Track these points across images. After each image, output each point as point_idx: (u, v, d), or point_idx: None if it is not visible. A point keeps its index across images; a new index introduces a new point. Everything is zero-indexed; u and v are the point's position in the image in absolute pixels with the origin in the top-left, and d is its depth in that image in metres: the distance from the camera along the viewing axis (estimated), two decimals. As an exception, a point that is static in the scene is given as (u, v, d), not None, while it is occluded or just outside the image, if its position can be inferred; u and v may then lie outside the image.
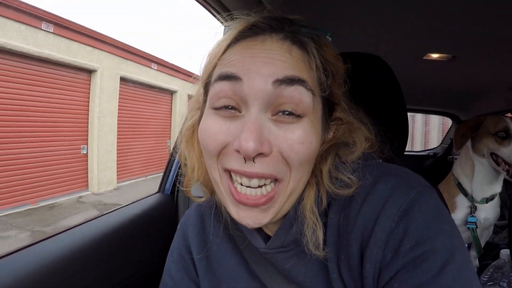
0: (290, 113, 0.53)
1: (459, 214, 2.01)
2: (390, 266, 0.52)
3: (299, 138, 0.53)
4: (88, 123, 9.09)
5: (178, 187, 1.59)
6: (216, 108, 0.56)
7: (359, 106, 0.67)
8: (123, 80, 9.93)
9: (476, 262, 2.09)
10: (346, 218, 0.58)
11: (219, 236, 0.73)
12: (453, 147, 2.22)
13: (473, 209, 1.98)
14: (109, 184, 9.53)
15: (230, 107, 0.54)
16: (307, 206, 0.58)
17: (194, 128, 0.67)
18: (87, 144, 9.10)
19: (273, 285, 0.65)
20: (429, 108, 3.80)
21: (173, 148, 1.47)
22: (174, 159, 1.66)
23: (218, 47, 0.59)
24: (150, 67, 11.11)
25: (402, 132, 0.96)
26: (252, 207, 0.55)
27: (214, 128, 0.55)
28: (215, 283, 0.72)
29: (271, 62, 0.53)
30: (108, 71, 9.39)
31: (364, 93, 0.78)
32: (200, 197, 0.74)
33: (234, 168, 0.54)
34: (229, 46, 0.58)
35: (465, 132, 2.01)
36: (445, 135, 4.27)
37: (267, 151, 0.51)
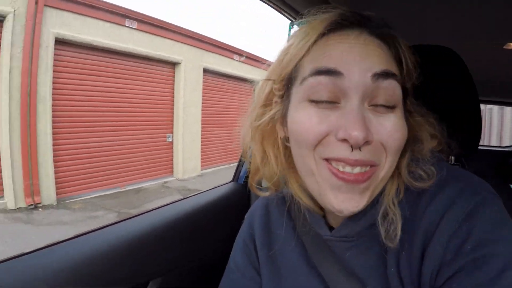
0: (383, 105, 0.56)
1: None
2: (450, 265, 0.53)
3: (395, 126, 0.56)
4: (173, 113, 9.67)
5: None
6: (314, 101, 0.57)
7: (429, 101, 0.68)
8: (206, 71, 10.35)
9: None
10: (412, 215, 0.60)
11: (283, 228, 0.76)
12: None
13: None
14: (194, 171, 9.99)
15: (330, 100, 0.56)
16: (389, 196, 0.61)
17: (272, 123, 0.67)
18: (172, 133, 9.68)
19: (330, 275, 0.67)
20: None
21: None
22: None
23: (303, 40, 0.60)
24: (233, 58, 11.41)
25: (474, 128, 0.94)
26: (354, 184, 0.56)
27: (314, 119, 0.56)
28: (275, 272, 0.76)
29: (368, 57, 0.56)
30: (191, 63, 9.87)
31: (434, 87, 0.79)
32: (265, 192, 0.77)
33: (340, 157, 0.55)
34: (316, 40, 0.59)
35: None
36: None
37: (371, 138, 0.54)
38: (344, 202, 0.57)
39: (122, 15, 8.02)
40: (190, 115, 9.88)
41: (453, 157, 1.05)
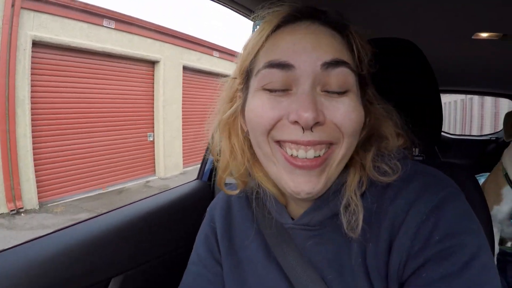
0: (335, 91, 0.58)
1: (504, 206, 1.91)
2: (418, 256, 0.55)
3: (349, 107, 0.58)
4: (153, 112, 9.64)
5: (215, 174, 1.64)
6: (267, 89, 0.60)
7: (389, 94, 0.71)
8: (185, 69, 10.33)
9: None
10: (378, 208, 0.62)
11: (243, 220, 0.79)
12: None
13: None
14: (175, 168, 10.02)
15: (282, 89, 0.59)
16: (351, 187, 0.63)
17: (235, 116, 0.71)
18: (153, 132, 9.67)
19: (289, 266, 0.68)
20: (485, 90, 3.67)
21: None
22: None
23: (259, 35, 0.63)
24: (212, 55, 11.37)
25: (435, 119, 0.96)
26: (309, 170, 0.58)
27: (267, 105, 0.59)
28: (235, 263, 0.77)
29: (319, 46, 0.58)
30: (170, 61, 9.83)
31: (393, 79, 0.82)
32: (234, 189, 0.79)
33: (291, 139, 0.58)
34: (271, 33, 0.62)
35: None
36: None
37: (322, 119, 0.56)
38: (300, 184, 0.59)
39: (100, 15, 7.94)
40: (171, 113, 9.86)
41: (416, 149, 1.08)
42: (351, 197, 0.62)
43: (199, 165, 1.75)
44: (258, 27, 0.66)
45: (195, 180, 1.71)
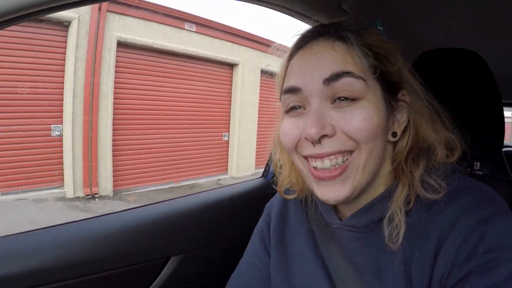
0: (346, 98, 0.61)
1: None
2: (462, 267, 0.55)
3: (359, 117, 0.60)
4: (230, 113, 9.89)
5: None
6: (287, 112, 0.67)
7: (451, 104, 0.71)
8: (263, 72, 10.40)
9: None
10: (427, 219, 0.62)
11: (297, 218, 0.84)
12: None
13: None
14: (247, 169, 10.10)
15: (297, 107, 0.66)
16: (396, 203, 0.64)
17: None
18: (228, 132, 9.90)
19: (333, 262, 0.72)
20: None
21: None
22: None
23: (281, 65, 0.71)
24: None
25: (497, 131, 0.95)
26: (331, 180, 0.63)
27: (288, 127, 0.66)
28: (283, 256, 0.82)
29: (319, 64, 0.62)
30: (249, 64, 10.02)
31: (455, 90, 0.85)
32: (290, 194, 0.86)
33: (308, 153, 0.64)
34: (289, 60, 0.68)
35: None
36: None
37: (329, 132, 0.60)
38: (326, 193, 0.63)
39: (182, 19, 8.39)
40: (247, 115, 10.02)
41: (478, 163, 1.06)
42: (396, 211, 0.62)
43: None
44: None
45: (260, 178, 1.77)
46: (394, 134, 0.67)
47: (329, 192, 0.63)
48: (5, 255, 0.99)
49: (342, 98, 0.60)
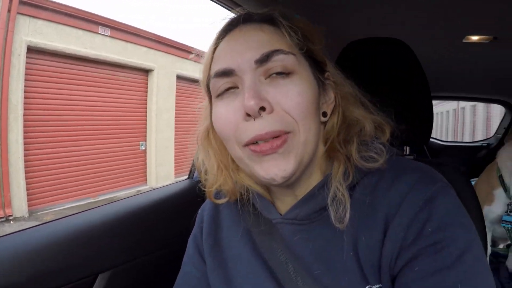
0: (280, 73, 0.60)
1: (495, 208, 1.90)
2: (410, 248, 0.55)
3: (294, 92, 0.60)
4: (146, 120, 9.59)
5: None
6: (219, 95, 0.64)
7: (380, 92, 0.71)
8: (179, 78, 10.32)
9: None
10: (371, 202, 0.62)
11: (231, 219, 0.80)
12: (506, 137, 1.99)
13: (510, 207, 1.85)
14: (167, 178, 9.91)
15: (229, 88, 0.63)
16: (336, 178, 0.63)
17: (208, 130, 0.74)
18: (145, 141, 9.60)
19: (276, 262, 0.69)
20: (478, 95, 3.68)
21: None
22: None
23: (208, 50, 0.68)
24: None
25: (425, 119, 0.97)
26: (272, 153, 0.60)
27: (223, 111, 0.63)
28: (219, 262, 0.78)
29: (248, 45, 0.62)
30: (164, 70, 9.81)
31: (384, 78, 0.83)
32: (221, 198, 0.79)
33: (251, 136, 0.59)
34: (216, 44, 0.66)
35: None
36: (499, 124, 4.06)
37: (268, 106, 0.58)
38: (270, 169, 0.60)
39: (95, 23, 7.92)
40: (163, 122, 9.82)
41: (407, 148, 1.14)
42: (337, 187, 0.62)
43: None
44: None
45: (186, 179, 1.69)
46: (325, 114, 0.67)
47: (274, 168, 0.60)
48: None
49: (277, 72, 0.61)
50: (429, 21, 1.68)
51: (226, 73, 0.62)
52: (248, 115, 0.58)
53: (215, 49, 0.66)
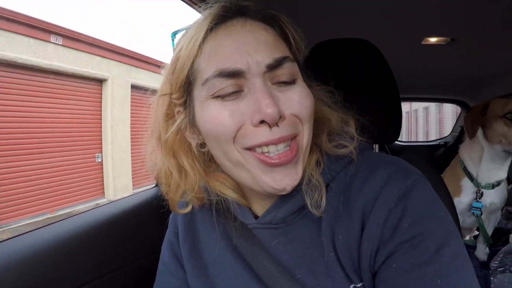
0: (284, 82, 0.59)
1: (464, 198, 1.99)
2: (388, 244, 0.55)
3: (301, 94, 0.59)
4: (101, 131, 9.27)
5: None
6: (219, 96, 0.58)
7: (348, 92, 0.71)
8: (134, 87, 10.07)
9: (486, 250, 2.06)
10: (346, 200, 0.61)
11: (208, 223, 0.77)
12: (463, 135, 2.14)
13: (478, 195, 1.94)
14: (125, 190, 9.62)
15: (234, 92, 0.58)
16: (309, 166, 0.63)
17: (180, 132, 0.67)
18: (101, 152, 9.27)
19: (261, 266, 0.66)
20: (435, 96, 3.79)
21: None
22: None
23: (191, 43, 0.60)
24: (161, 74, 11.06)
25: (394, 117, 0.96)
26: (287, 164, 0.58)
27: (225, 112, 0.57)
28: (199, 267, 0.75)
29: (259, 47, 0.57)
30: (119, 79, 9.55)
31: (353, 79, 0.80)
32: (186, 207, 0.76)
33: (262, 141, 0.57)
34: (205, 37, 0.60)
35: (474, 118, 1.95)
36: (455, 123, 4.23)
37: (283, 113, 0.57)
38: (283, 180, 0.58)
39: (47, 31, 7.59)
40: (118, 133, 9.52)
41: (377, 145, 1.17)
42: (311, 173, 0.63)
43: (147, 186, 1.66)
44: (178, 38, 0.66)
45: (155, 186, 1.63)
46: None
47: (286, 178, 0.58)
48: None
49: (282, 82, 0.59)
50: (390, 23, 1.71)
51: (234, 73, 0.56)
52: (262, 121, 0.56)
53: (202, 41, 0.60)
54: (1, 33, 6.64)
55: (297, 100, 0.59)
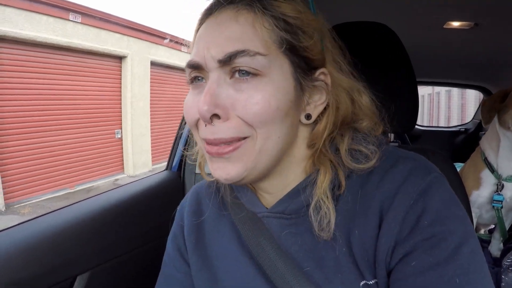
0: (247, 72, 0.55)
1: (484, 191, 1.92)
2: (406, 241, 0.54)
3: (256, 99, 0.54)
4: (121, 108, 9.46)
5: (184, 164, 1.61)
6: (190, 83, 0.61)
7: (364, 79, 0.67)
8: (153, 64, 10.17)
9: (500, 245, 2.00)
10: (364, 195, 0.60)
11: (214, 215, 0.76)
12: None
13: (499, 187, 1.87)
14: (145, 166, 9.88)
15: (199, 78, 0.59)
16: (321, 189, 0.59)
17: None
18: (121, 129, 9.49)
19: (265, 257, 0.65)
20: (457, 81, 3.67)
21: (180, 124, 1.60)
22: (181, 135, 1.66)
23: (195, 29, 0.63)
24: (181, 50, 11.13)
25: (411, 105, 0.94)
26: (219, 156, 0.57)
27: (189, 102, 0.60)
28: (204, 260, 0.74)
29: (216, 40, 0.56)
30: (138, 56, 9.65)
31: (368, 64, 0.75)
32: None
33: (203, 137, 0.58)
34: (198, 30, 0.61)
35: (492, 105, 1.89)
36: (477, 110, 4.08)
37: (222, 114, 0.55)
38: (217, 170, 0.59)
39: (66, 9, 7.70)
40: (138, 109, 9.70)
41: (392, 135, 1.12)
42: (322, 199, 0.59)
43: (166, 162, 1.69)
44: None
45: (164, 170, 1.63)
46: (308, 116, 0.61)
47: (220, 170, 0.58)
48: None
49: (243, 72, 0.55)
50: (410, 7, 1.66)
51: (194, 66, 0.58)
52: None
53: (195, 34, 0.62)
54: (20, 12, 6.79)
55: (248, 103, 0.55)
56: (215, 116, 0.55)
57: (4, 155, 6.81)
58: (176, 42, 10.92)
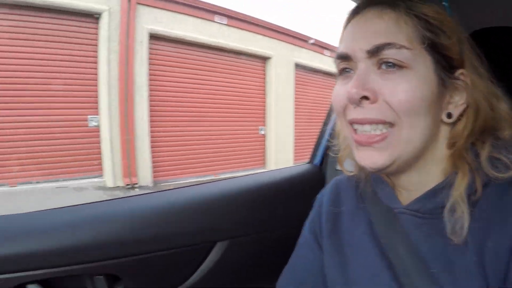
0: (393, 64, 0.58)
1: None
2: None
3: (402, 87, 0.58)
4: (265, 106, 9.79)
5: (327, 159, 1.63)
6: (339, 74, 0.66)
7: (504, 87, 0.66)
8: (298, 66, 10.35)
9: None
10: (502, 205, 0.58)
11: (351, 205, 0.79)
12: None
13: None
14: (286, 163, 9.79)
15: (347, 69, 0.64)
16: (458, 191, 0.59)
17: None
18: (264, 126, 9.78)
19: (395, 252, 0.67)
20: None
21: (325, 119, 1.63)
22: (326, 130, 1.64)
23: (342, 27, 0.69)
24: (323, 54, 11.17)
25: None
26: (368, 145, 0.61)
27: (338, 90, 0.65)
28: (337, 247, 0.77)
29: (364, 35, 0.61)
30: (282, 58, 9.92)
31: (509, 71, 0.77)
32: (351, 171, 0.81)
33: (350, 117, 0.62)
34: (345, 27, 0.67)
35: None
36: None
37: (370, 95, 0.58)
38: (364, 158, 0.61)
39: (211, 12, 8.42)
40: (283, 109, 9.89)
41: None
42: (458, 201, 0.58)
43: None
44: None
45: (306, 163, 1.63)
46: (449, 115, 0.62)
47: (367, 158, 0.61)
48: (40, 230, 0.94)
49: (389, 64, 0.58)
50: None
51: (343, 57, 0.63)
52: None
53: (343, 31, 0.66)
54: (168, 14, 7.67)
55: (395, 90, 0.58)
56: (364, 98, 0.58)
57: (155, 138, 7.56)
58: (320, 47, 10.97)
